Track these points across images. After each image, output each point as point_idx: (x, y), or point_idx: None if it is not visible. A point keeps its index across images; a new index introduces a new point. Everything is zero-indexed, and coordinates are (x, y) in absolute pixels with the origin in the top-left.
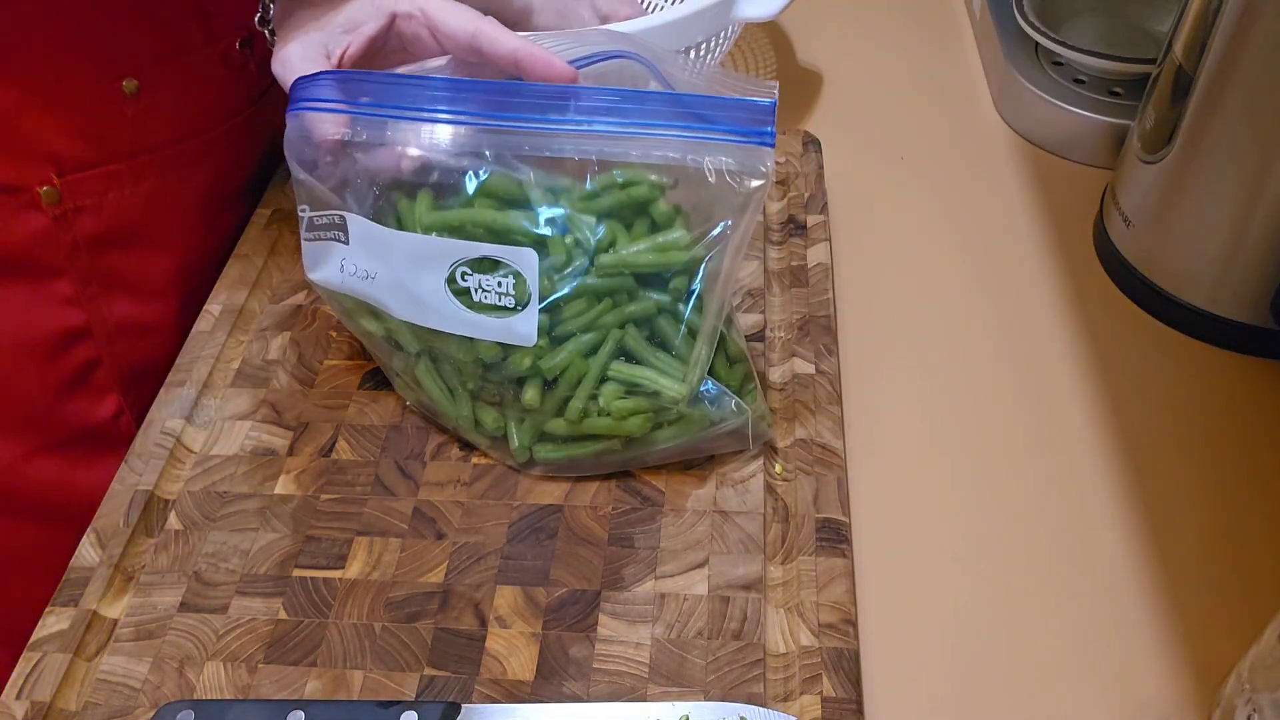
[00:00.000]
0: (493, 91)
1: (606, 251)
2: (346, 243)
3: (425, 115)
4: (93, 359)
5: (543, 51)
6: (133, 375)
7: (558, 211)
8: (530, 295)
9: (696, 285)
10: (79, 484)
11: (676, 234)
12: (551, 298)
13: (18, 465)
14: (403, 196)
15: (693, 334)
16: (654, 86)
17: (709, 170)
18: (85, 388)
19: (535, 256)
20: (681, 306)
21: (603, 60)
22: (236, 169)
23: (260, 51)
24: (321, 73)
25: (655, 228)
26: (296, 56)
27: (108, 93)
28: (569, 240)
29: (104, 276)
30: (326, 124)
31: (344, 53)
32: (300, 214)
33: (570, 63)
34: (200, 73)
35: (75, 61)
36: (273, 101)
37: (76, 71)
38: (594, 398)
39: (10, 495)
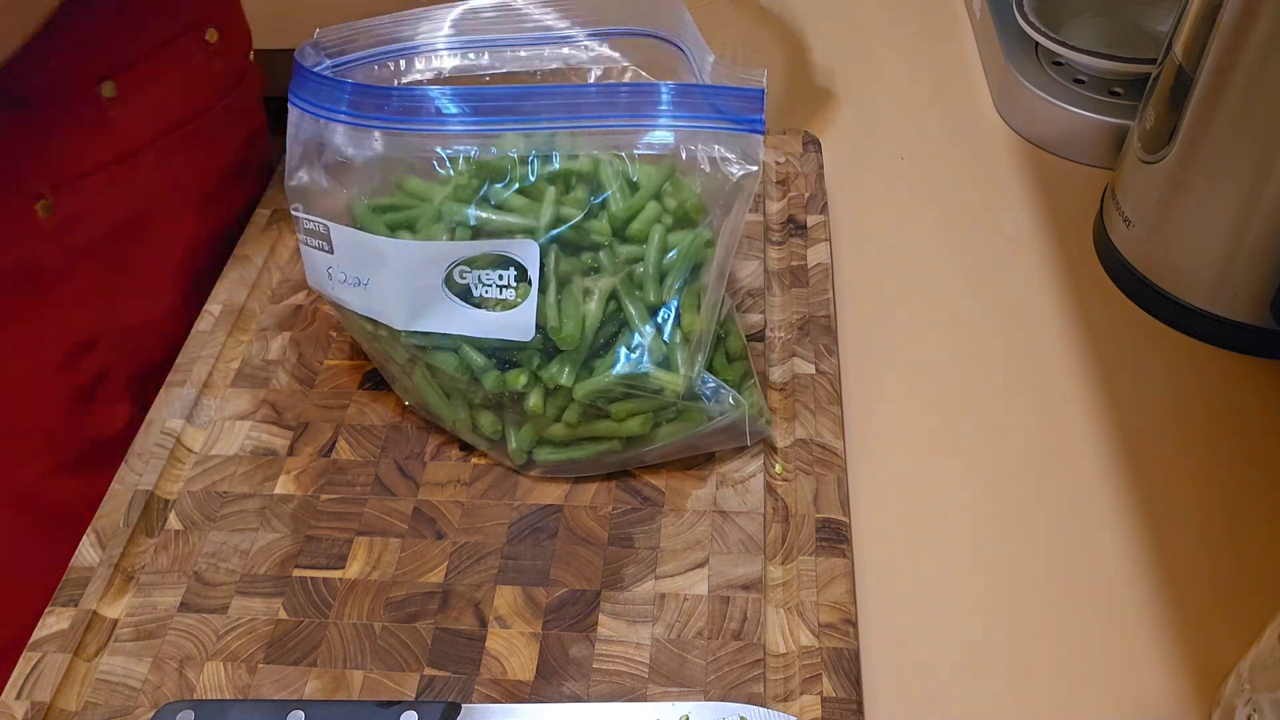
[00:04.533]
0: (490, 98)
1: (608, 244)
2: (331, 252)
3: (431, 125)
4: (102, 369)
5: None
6: (141, 380)
7: (557, 207)
8: (531, 285)
9: (691, 275)
10: (100, 498)
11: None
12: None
13: (41, 484)
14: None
15: (690, 325)
16: (683, 73)
17: (702, 159)
18: (97, 399)
19: (536, 247)
20: (677, 297)
21: (636, 36)
22: (223, 156)
23: (231, 35)
24: (328, 78)
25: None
26: None
27: (88, 99)
28: (570, 233)
29: (106, 282)
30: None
31: None
32: (293, 213)
33: (603, 32)
34: (176, 64)
35: (54, 72)
36: (249, 86)
37: (56, 83)
38: (593, 403)
39: (35, 513)
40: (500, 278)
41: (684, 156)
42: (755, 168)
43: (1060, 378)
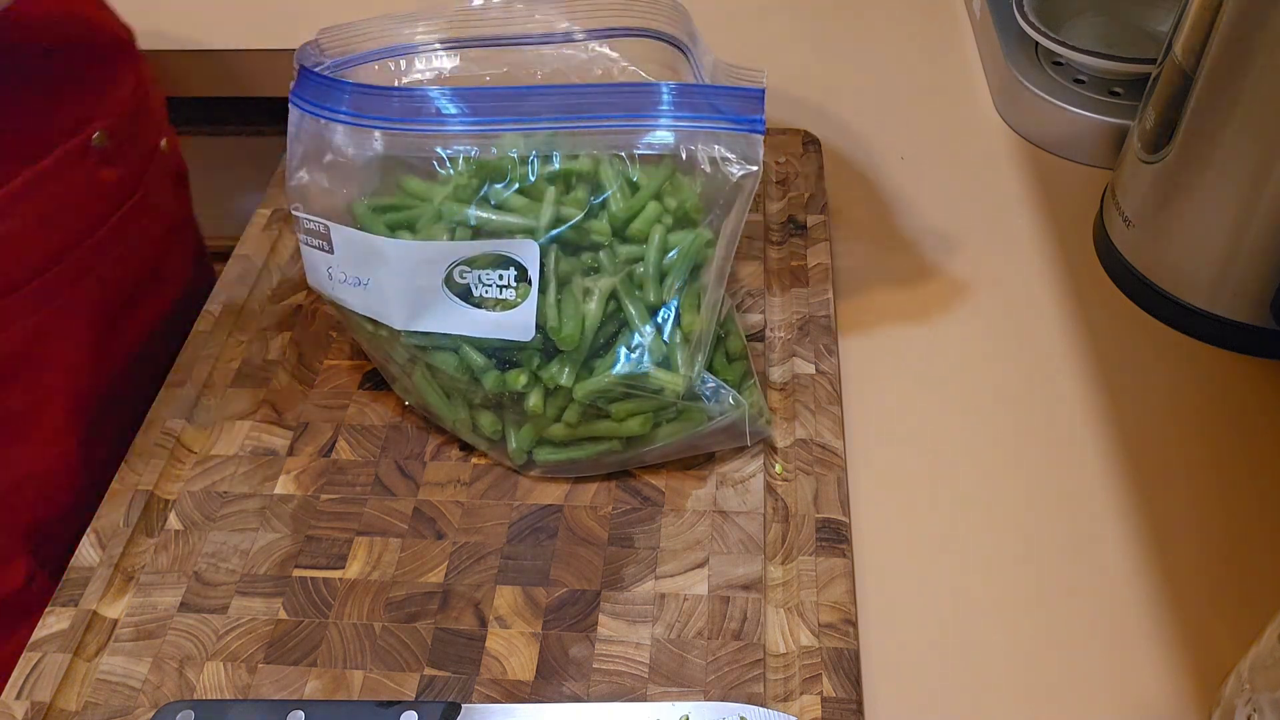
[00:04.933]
0: (490, 98)
1: (608, 244)
2: (331, 252)
3: (431, 125)
4: None
5: None
6: (39, 532)
7: (557, 207)
8: (531, 285)
9: (691, 275)
10: (7, 659)
11: (684, 225)
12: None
13: None
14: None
15: (690, 325)
16: (683, 72)
17: (702, 159)
18: None
19: (536, 247)
20: (677, 297)
21: (636, 36)
22: (127, 270)
23: (127, 129)
24: (330, 79)
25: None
26: None
27: None
28: (570, 233)
29: None
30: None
31: None
32: (293, 213)
33: (603, 32)
34: (56, 183)
35: None
36: (158, 180)
37: None
38: (593, 403)
39: None
40: (500, 278)
41: (684, 156)
42: (755, 168)
43: (1060, 378)
